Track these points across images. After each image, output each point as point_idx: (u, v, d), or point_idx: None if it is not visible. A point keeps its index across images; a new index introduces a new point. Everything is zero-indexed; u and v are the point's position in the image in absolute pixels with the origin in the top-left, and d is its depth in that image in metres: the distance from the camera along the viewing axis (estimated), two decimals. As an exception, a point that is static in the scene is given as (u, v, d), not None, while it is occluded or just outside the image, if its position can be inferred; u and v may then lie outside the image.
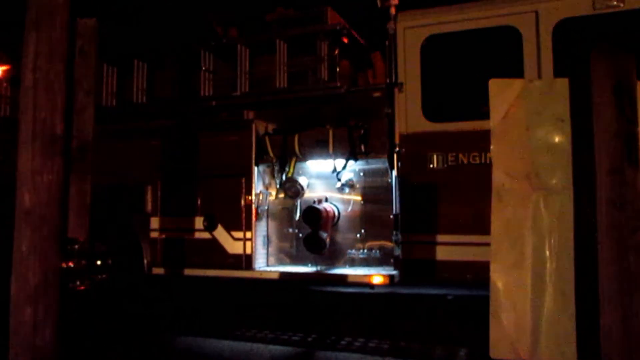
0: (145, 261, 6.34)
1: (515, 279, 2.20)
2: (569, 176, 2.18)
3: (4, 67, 7.45)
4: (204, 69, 6.41)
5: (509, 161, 2.26)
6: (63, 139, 2.71)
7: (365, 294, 6.97)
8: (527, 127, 2.27)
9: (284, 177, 6.08)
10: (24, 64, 2.60)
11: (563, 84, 2.25)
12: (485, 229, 4.77)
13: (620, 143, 2.07)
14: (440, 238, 5.35)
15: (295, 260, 6.29)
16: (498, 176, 2.25)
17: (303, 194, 6.06)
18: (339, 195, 6.11)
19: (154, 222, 6.42)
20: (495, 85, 2.36)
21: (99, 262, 6.55)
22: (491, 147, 2.31)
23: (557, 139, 2.24)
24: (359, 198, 6.07)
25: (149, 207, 6.44)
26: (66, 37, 2.70)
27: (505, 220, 2.22)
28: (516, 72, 5.10)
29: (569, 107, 2.22)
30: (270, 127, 6.38)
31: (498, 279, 2.22)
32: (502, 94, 2.30)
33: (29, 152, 2.62)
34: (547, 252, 2.16)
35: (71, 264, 6.39)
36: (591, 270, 2.08)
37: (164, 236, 6.38)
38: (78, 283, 6.26)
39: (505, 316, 2.19)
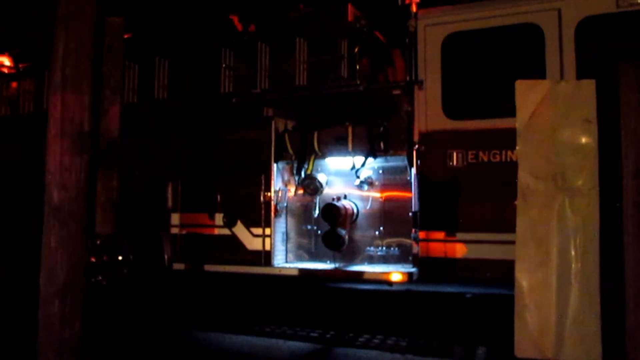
0: (165, 256, 6.41)
1: (540, 279, 2.20)
2: (595, 177, 2.17)
3: (26, 63, 7.57)
4: (224, 66, 6.45)
5: (534, 162, 2.25)
6: (91, 136, 2.75)
7: (383, 291, 6.97)
8: (554, 128, 2.27)
9: (303, 174, 6.11)
10: (54, 61, 2.64)
11: (589, 85, 2.24)
12: (505, 227, 4.79)
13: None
14: (460, 236, 5.34)
15: (313, 257, 6.31)
16: (524, 177, 2.25)
17: (322, 191, 6.08)
18: (357, 193, 6.12)
19: (175, 218, 6.49)
20: (521, 87, 2.35)
21: (120, 257, 6.66)
22: (517, 148, 2.31)
23: (583, 140, 2.23)
24: (377, 195, 6.07)
25: (170, 203, 6.51)
26: (94, 35, 2.74)
27: (531, 220, 2.22)
28: (538, 70, 5.06)
29: (595, 109, 2.20)
30: (290, 125, 6.41)
31: (523, 279, 2.22)
32: (528, 95, 2.30)
33: (58, 149, 2.67)
34: (573, 253, 2.16)
35: (93, 259, 6.50)
36: (616, 271, 2.08)
37: (184, 232, 6.46)
38: (100, 278, 6.39)
39: (530, 316, 2.19)
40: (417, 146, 5.50)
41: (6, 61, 7.56)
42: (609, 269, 2.13)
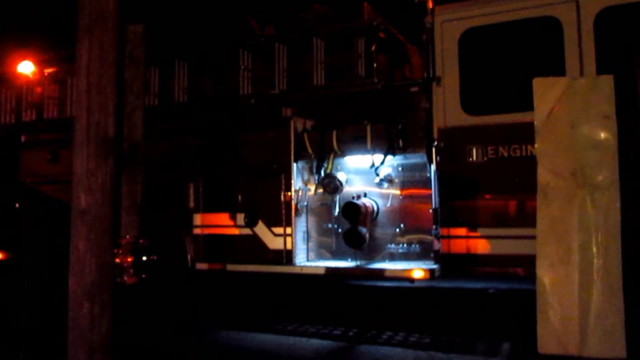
0: (188, 257, 6.49)
1: (562, 275, 2.21)
2: (615, 173, 2.17)
3: (52, 69, 7.69)
4: (242, 67, 6.52)
5: (554, 159, 2.26)
6: (115, 141, 2.82)
7: (405, 288, 6.98)
8: (572, 125, 2.27)
9: (322, 173, 6.13)
10: (78, 68, 2.71)
11: (608, 81, 2.23)
12: (526, 222, 4.77)
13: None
14: (481, 231, 5.32)
15: (335, 256, 6.34)
16: (543, 174, 2.25)
17: (342, 190, 6.10)
18: (377, 190, 6.13)
19: (197, 219, 6.57)
20: (539, 84, 2.35)
21: (144, 258, 6.76)
22: (536, 145, 2.31)
23: (602, 136, 2.22)
24: (397, 193, 6.08)
25: (192, 203, 6.59)
26: (116, 42, 2.81)
27: (551, 217, 2.22)
28: (557, 64, 5.00)
29: (614, 105, 2.20)
30: (309, 124, 6.44)
31: (544, 275, 2.23)
32: (546, 92, 2.30)
33: (84, 154, 2.74)
34: (594, 249, 2.16)
35: (117, 260, 6.61)
36: (639, 266, 2.07)
37: (206, 232, 6.53)
38: (125, 278, 6.49)
39: (552, 312, 2.20)
40: (436, 143, 5.50)
41: (31, 66, 7.70)
42: (631, 264, 2.12)
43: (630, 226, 2.10)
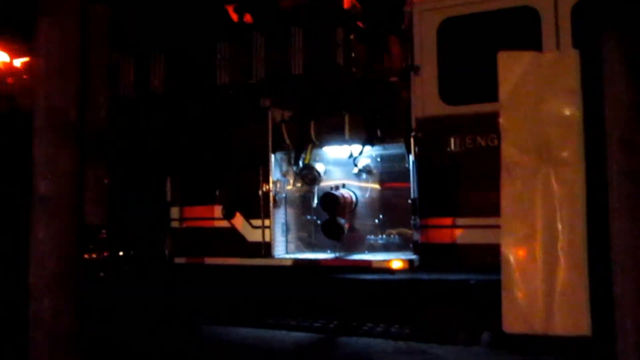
0: (166, 251, 6.40)
1: (527, 252, 2.16)
2: (580, 148, 2.12)
3: (25, 59, 7.53)
4: (219, 57, 6.42)
5: (518, 134, 2.21)
6: (77, 126, 2.72)
7: (386, 279, 6.94)
8: (538, 100, 2.22)
9: (301, 165, 6.07)
10: (36, 50, 2.61)
11: (573, 55, 2.19)
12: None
13: (631, 113, 2.01)
14: (460, 221, 5.29)
15: (314, 248, 6.29)
16: (507, 150, 2.20)
17: (320, 181, 6.05)
18: (356, 181, 6.07)
19: (175, 212, 6.47)
20: (504, 58, 2.30)
21: (121, 253, 6.67)
22: (500, 120, 2.25)
23: (568, 111, 2.18)
24: (376, 183, 6.03)
25: (169, 197, 6.49)
26: (79, 23, 2.71)
27: (515, 193, 2.17)
28: (535, 52, 4.98)
29: (579, 79, 2.16)
30: (287, 115, 6.36)
31: (509, 253, 2.18)
32: (511, 67, 2.25)
33: (44, 139, 2.64)
34: (559, 225, 2.11)
35: (94, 255, 6.50)
36: (603, 242, 2.03)
37: (184, 225, 6.44)
38: (102, 274, 6.39)
39: (517, 290, 2.16)
40: (414, 133, 5.45)
41: (3, 56, 7.53)
42: (596, 239, 2.09)
43: (595, 202, 2.06)
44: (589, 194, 2.10)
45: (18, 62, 7.57)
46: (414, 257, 5.47)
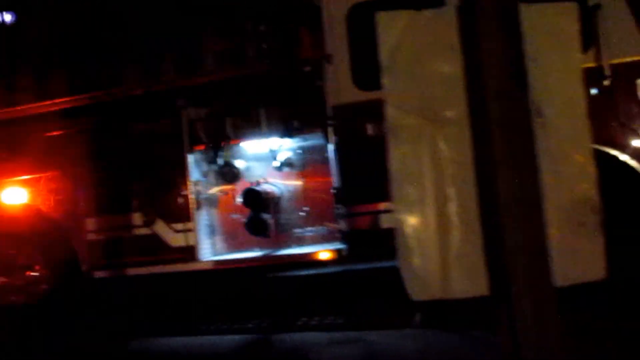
0: (83, 266, 6.05)
1: (419, 217, 2.11)
2: (464, 106, 2.10)
3: None
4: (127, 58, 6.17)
5: (401, 96, 2.15)
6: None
7: (316, 272, 6.85)
8: (418, 60, 2.18)
9: (220, 163, 5.89)
10: None
11: (450, 12, 2.16)
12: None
13: (505, 65, 2.01)
14: (384, 206, 5.26)
15: (242, 247, 6.09)
16: (391, 112, 2.14)
17: (241, 178, 5.89)
18: (278, 175, 5.95)
19: (90, 224, 6.13)
20: (382, 19, 2.25)
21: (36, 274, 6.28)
22: (382, 82, 2.20)
23: (448, 69, 2.15)
24: (299, 176, 5.93)
25: (83, 208, 6.14)
26: None
27: (403, 157, 2.12)
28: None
29: (458, 36, 2.13)
30: (202, 113, 6.16)
31: (403, 220, 2.13)
32: (390, 27, 2.20)
33: None
34: (449, 186, 2.08)
35: (6, 279, 6.13)
36: (494, 198, 2.01)
37: (102, 237, 6.11)
38: (15, 298, 6.03)
39: (414, 257, 2.11)
40: (331, 121, 5.39)
41: None
42: (487, 197, 2.06)
43: (483, 161, 2.03)
44: (476, 152, 2.09)
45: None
46: (342, 246, 5.42)
